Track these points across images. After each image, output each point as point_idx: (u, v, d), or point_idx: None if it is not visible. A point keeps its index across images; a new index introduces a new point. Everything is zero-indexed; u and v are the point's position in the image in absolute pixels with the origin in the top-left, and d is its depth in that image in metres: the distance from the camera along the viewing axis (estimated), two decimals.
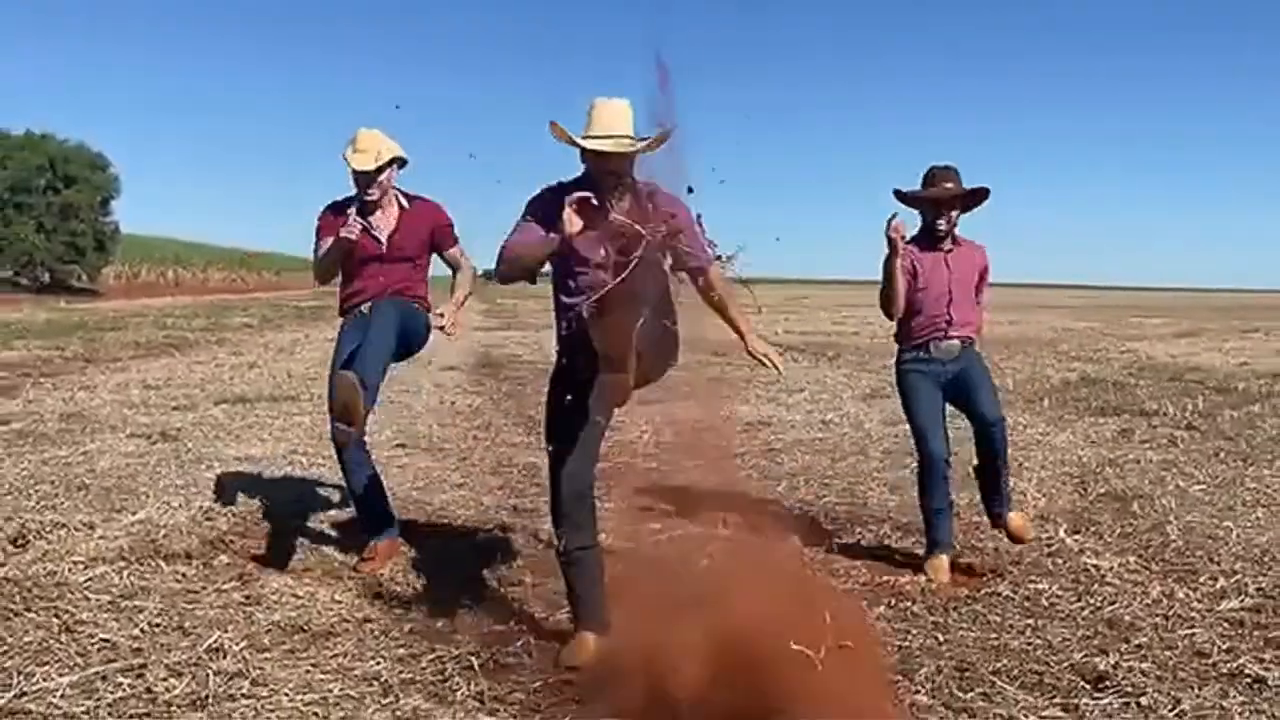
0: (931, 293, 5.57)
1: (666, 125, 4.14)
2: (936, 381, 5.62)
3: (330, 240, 5.56)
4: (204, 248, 72.64)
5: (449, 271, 5.94)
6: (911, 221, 5.64)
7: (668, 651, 3.64)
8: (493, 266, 4.74)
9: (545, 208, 4.31)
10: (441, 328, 5.61)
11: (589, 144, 4.20)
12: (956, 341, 5.61)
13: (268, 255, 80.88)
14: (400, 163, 5.69)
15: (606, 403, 4.07)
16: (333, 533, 6.05)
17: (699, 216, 4.26)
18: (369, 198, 5.59)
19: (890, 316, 5.66)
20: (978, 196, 5.62)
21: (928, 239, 5.62)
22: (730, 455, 7.72)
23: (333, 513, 6.47)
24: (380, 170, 5.55)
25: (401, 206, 5.72)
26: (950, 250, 5.62)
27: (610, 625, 4.35)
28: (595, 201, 4.05)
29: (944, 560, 5.55)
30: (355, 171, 5.54)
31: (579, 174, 4.37)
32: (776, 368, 4.58)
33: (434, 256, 5.88)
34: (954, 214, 5.56)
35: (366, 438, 5.70)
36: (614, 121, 4.23)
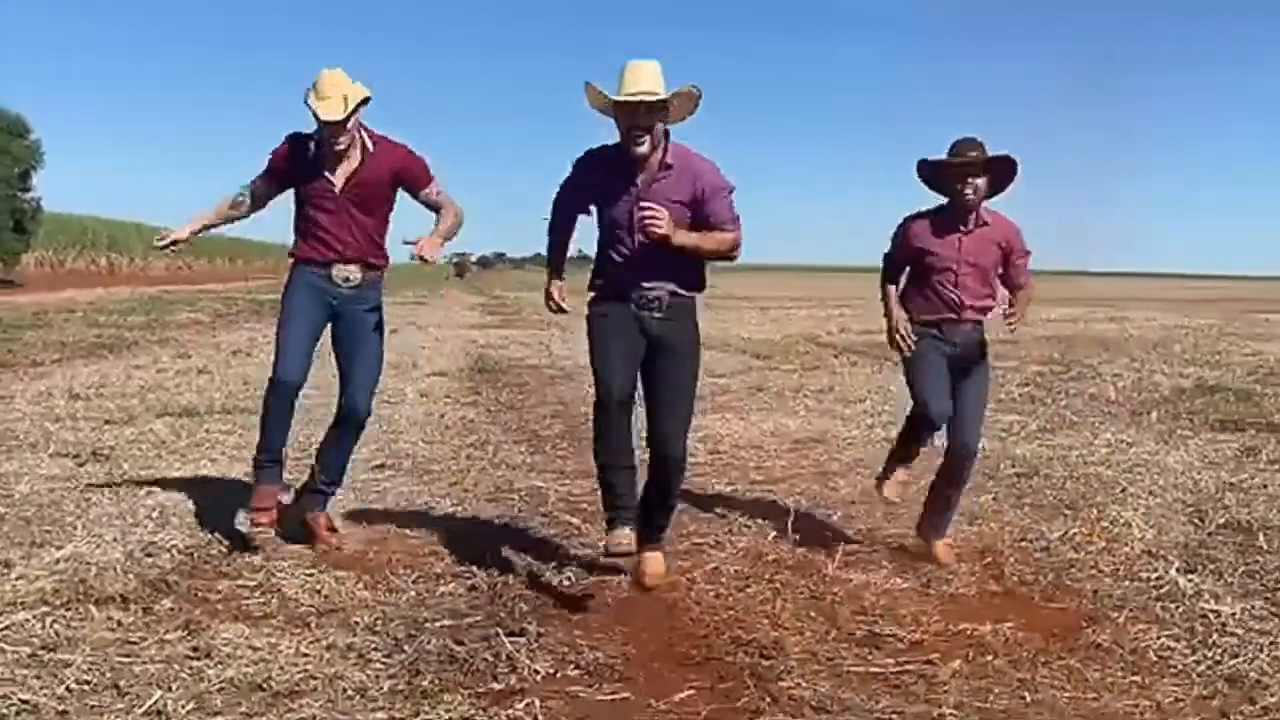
0: (946, 281, 6.30)
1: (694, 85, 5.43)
2: (943, 354, 6.34)
3: (268, 178, 6.39)
4: (143, 229, 72.70)
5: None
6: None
7: None
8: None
9: (582, 175, 5.79)
10: (413, 246, 6.21)
11: (619, 98, 5.30)
12: (969, 325, 6.36)
13: (220, 240, 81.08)
14: (365, 101, 6.14)
15: None
16: (296, 572, 6.05)
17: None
18: (338, 147, 6.13)
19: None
20: (1003, 169, 6.22)
21: (951, 214, 6.27)
22: None
23: (296, 548, 6.46)
24: (349, 117, 6.04)
25: (366, 149, 6.24)
26: (970, 230, 6.27)
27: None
28: None
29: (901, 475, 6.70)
30: (323, 121, 6.03)
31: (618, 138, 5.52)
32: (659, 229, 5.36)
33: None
34: (978, 181, 6.13)
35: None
36: (642, 79, 5.34)
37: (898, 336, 6.39)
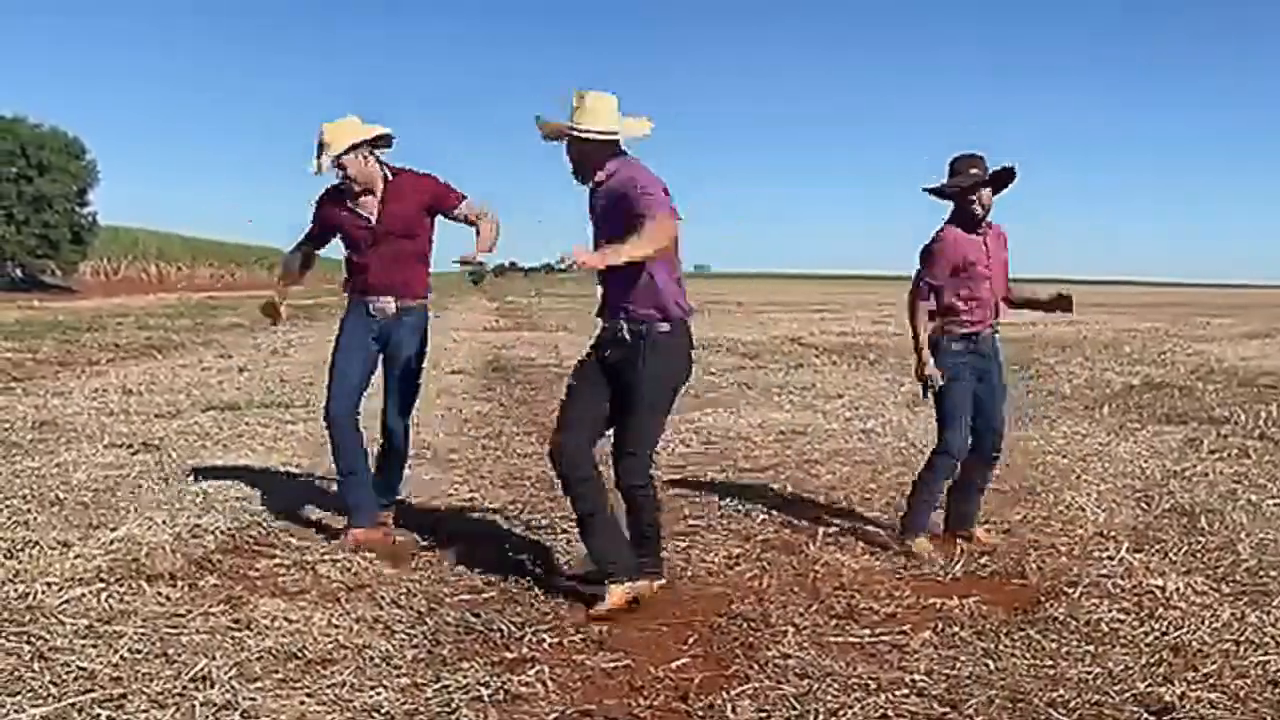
0: (986, 281, 6.06)
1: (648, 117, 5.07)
2: (976, 376, 6.13)
3: (317, 227, 6.30)
4: (190, 241, 72.79)
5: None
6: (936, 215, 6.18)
7: None
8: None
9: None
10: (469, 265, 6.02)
11: (542, 129, 5.06)
12: (992, 331, 6.15)
13: (260, 249, 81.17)
14: (384, 142, 6.10)
15: None
16: (329, 552, 6.05)
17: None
18: (355, 188, 6.05)
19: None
20: (1004, 178, 6.07)
21: (965, 225, 6.05)
22: None
23: (329, 530, 6.45)
24: (339, 164, 5.93)
25: (386, 179, 6.11)
26: (985, 234, 6.08)
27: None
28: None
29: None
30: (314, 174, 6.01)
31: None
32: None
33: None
34: (985, 192, 5.97)
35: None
36: (577, 111, 4.97)
37: (927, 375, 6.06)
